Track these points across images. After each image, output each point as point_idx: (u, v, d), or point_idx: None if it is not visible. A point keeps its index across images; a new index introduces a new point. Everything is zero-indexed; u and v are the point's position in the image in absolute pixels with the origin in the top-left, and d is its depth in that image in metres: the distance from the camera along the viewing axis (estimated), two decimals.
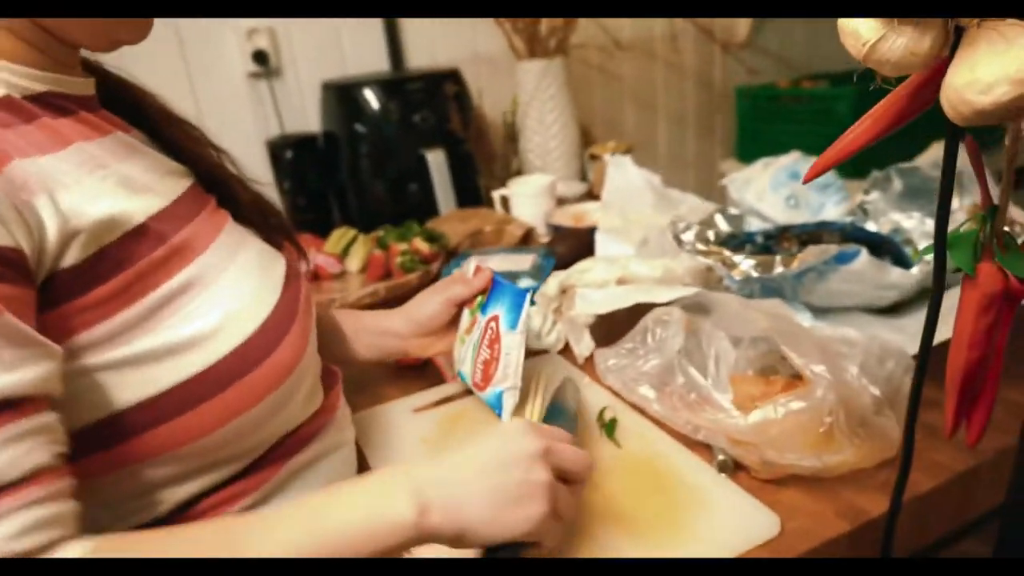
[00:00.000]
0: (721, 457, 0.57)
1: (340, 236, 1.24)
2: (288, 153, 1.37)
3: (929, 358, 0.39)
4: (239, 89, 1.49)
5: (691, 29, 1.98)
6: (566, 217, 1.26)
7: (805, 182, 0.42)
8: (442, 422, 0.69)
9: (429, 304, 0.71)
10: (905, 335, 0.68)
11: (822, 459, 0.52)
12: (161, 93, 0.61)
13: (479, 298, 0.70)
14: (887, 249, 0.79)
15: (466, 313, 0.72)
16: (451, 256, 1.16)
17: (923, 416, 0.42)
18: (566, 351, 0.81)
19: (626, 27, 1.91)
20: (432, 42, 1.66)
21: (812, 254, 0.69)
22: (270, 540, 0.38)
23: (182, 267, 0.46)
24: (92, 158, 0.45)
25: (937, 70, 0.30)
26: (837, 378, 0.53)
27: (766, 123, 2.03)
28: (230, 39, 1.45)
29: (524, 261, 0.92)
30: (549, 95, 1.43)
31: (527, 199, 1.26)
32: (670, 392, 0.62)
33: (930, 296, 0.37)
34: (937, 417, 0.42)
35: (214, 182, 0.59)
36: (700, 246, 0.78)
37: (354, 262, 1.18)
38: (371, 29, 1.58)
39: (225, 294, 0.46)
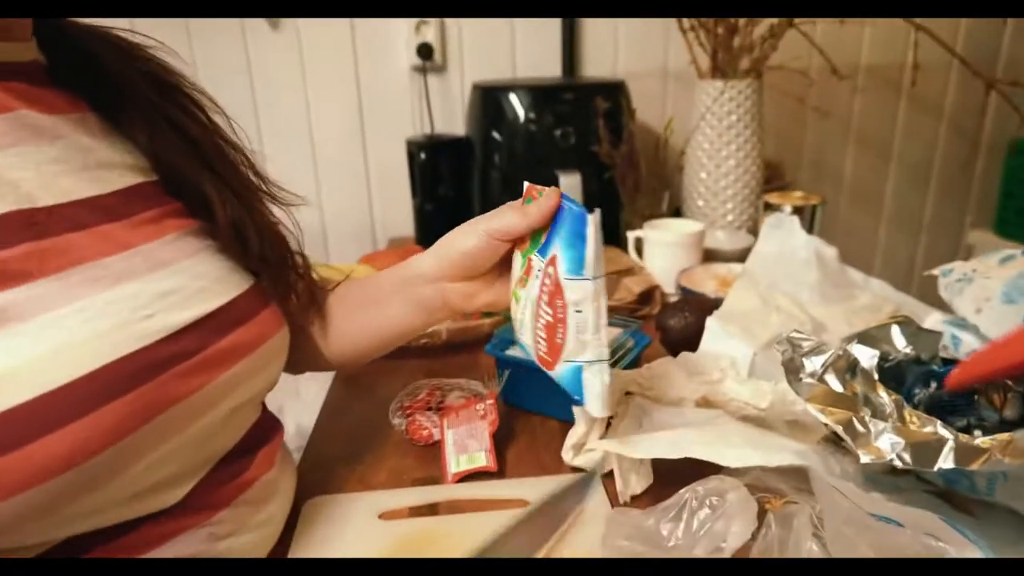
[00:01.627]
0: None
1: None
2: (422, 155, 1.28)
3: None
4: (400, 82, 1.44)
5: (953, 59, 1.55)
6: (707, 278, 1.00)
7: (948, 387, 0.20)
8: (403, 542, 0.52)
9: (465, 237, 0.52)
10: None
11: None
12: (325, 72, 0.52)
13: (537, 234, 0.50)
14: None
15: (518, 256, 0.52)
16: None
17: None
18: (611, 477, 0.58)
19: (863, 49, 1.54)
20: (613, 50, 1.47)
21: None
22: None
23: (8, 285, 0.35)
24: None
25: None
26: None
27: None
28: (400, 29, 1.40)
29: None
30: (727, 124, 1.17)
31: (664, 247, 1.03)
32: None
33: None
34: None
35: (184, 189, 0.49)
36: (832, 379, 0.50)
37: None
38: (547, 30, 1.43)
39: (19, 341, 0.34)
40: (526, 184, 0.52)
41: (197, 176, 0.50)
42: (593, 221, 0.44)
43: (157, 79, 0.51)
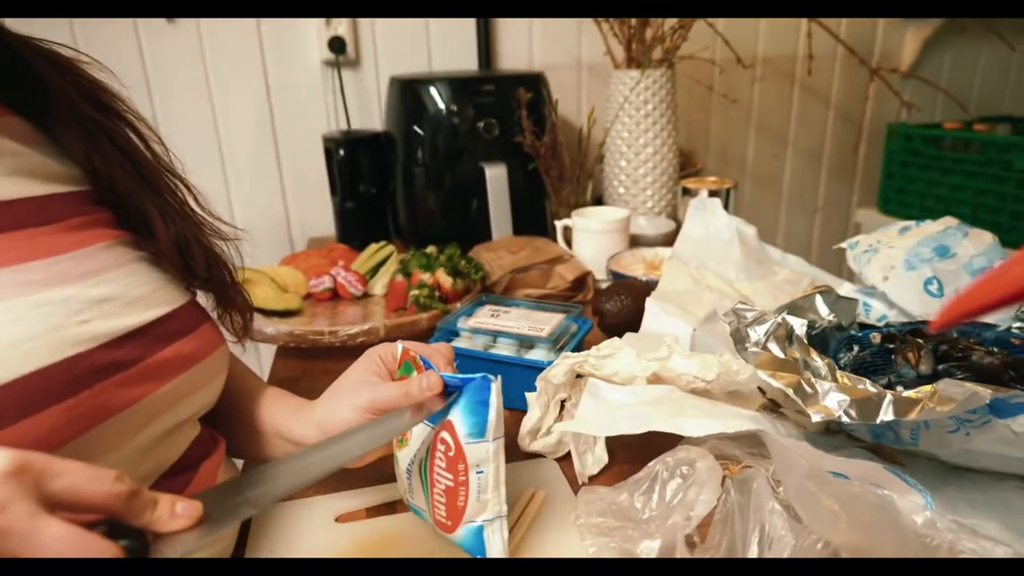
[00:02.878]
0: None
1: (372, 253, 1.09)
2: (341, 151, 1.24)
3: None
4: (311, 77, 1.39)
5: (840, 49, 1.67)
6: (635, 262, 1.03)
7: (932, 330, 0.21)
8: (362, 544, 0.51)
9: (344, 411, 0.49)
10: None
11: None
12: (231, 69, 0.49)
13: None
14: None
15: None
16: (485, 291, 0.97)
17: None
18: (568, 460, 0.59)
19: (760, 40, 1.63)
20: (528, 44, 1.48)
21: (951, 394, 0.44)
22: None
23: None
24: None
25: None
26: None
27: (920, 171, 1.68)
28: (310, 22, 1.35)
29: (546, 322, 0.70)
30: (644, 113, 1.20)
31: (592, 235, 1.05)
32: None
33: None
34: None
35: (123, 206, 0.47)
36: (775, 347, 0.53)
37: (379, 285, 1.02)
38: (463, 23, 1.42)
39: None
40: (400, 346, 0.52)
41: (138, 193, 0.49)
42: (496, 388, 0.44)
43: (94, 97, 0.49)
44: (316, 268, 1.06)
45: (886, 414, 0.43)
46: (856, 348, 0.64)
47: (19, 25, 0.47)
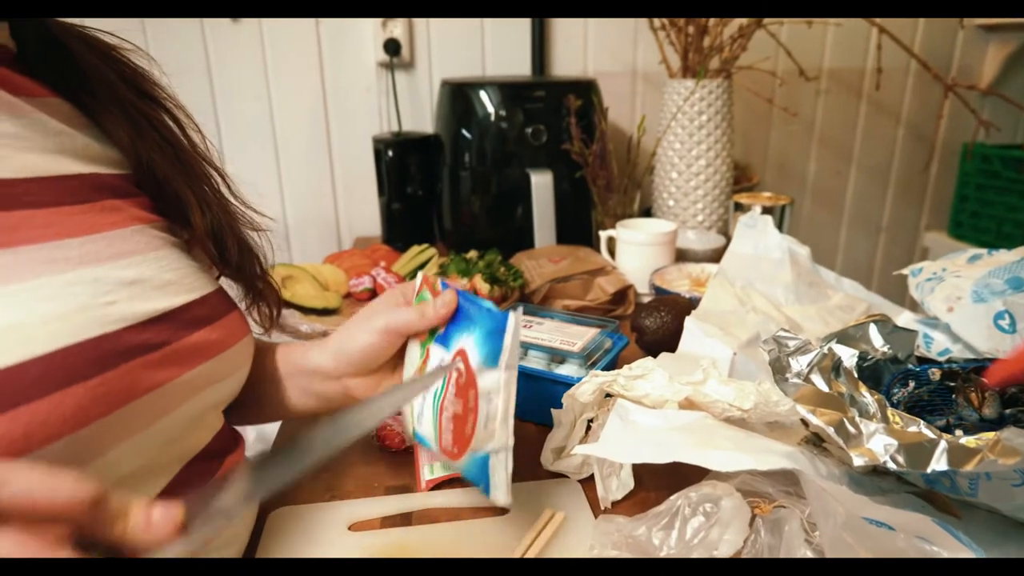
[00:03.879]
0: None
1: (414, 255, 1.09)
2: (390, 153, 1.24)
3: None
4: (366, 78, 1.40)
5: (913, 63, 1.58)
6: (680, 277, 0.99)
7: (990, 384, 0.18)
8: (375, 554, 0.49)
9: (360, 334, 0.50)
10: None
11: None
12: (289, 68, 0.51)
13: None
14: None
15: (415, 346, 0.51)
16: (523, 299, 0.96)
17: None
18: (592, 482, 0.57)
19: (826, 52, 1.57)
20: (583, 50, 1.46)
21: (1016, 445, 0.39)
22: None
23: None
24: None
25: None
26: None
27: (998, 194, 1.58)
28: (367, 24, 1.36)
29: (579, 336, 0.68)
30: (698, 124, 1.17)
31: (637, 247, 1.02)
32: None
33: None
34: None
35: (162, 191, 0.47)
36: (818, 379, 0.49)
37: None
38: (517, 27, 1.41)
39: None
40: (420, 275, 0.53)
41: (177, 179, 0.49)
42: (514, 319, 0.44)
43: (135, 82, 0.50)
44: (358, 268, 1.06)
45: (939, 463, 0.39)
46: (912, 384, 0.59)
47: (94, 24, 0.48)
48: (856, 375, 0.54)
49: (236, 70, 1.35)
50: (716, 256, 1.09)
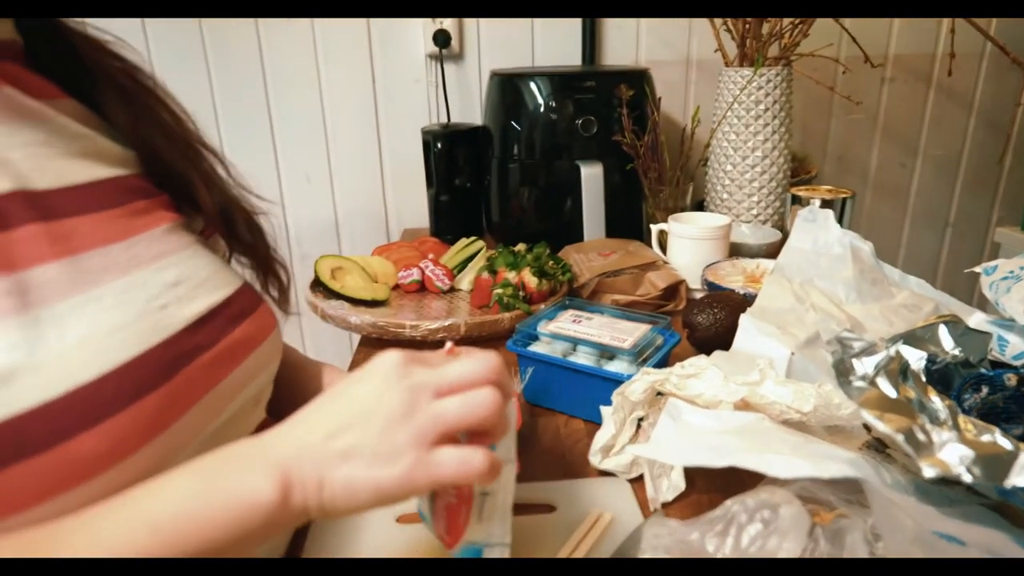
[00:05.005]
0: None
1: (462, 248, 1.09)
2: (438, 144, 1.25)
3: None
4: (415, 70, 1.41)
5: (989, 47, 1.50)
6: (734, 273, 0.96)
7: None
8: (423, 548, 0.49)
9: None
10: None
11: None
12: (340, 59, 0.51)
13: None
14: None
15: None
16: (572, 294, 0.95)
17: None
18: (641, 481, 0.56)
19: (892, 38, 1.49)
20: (635, 40, 1.43)
21: None
22: (91, 537, 0.29)
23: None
24: None
25: None
26: None
27: None
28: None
29: (629, 332, 0.67)
30: (755, 114, 1.13)
31: (689, 241, 0.99)
32: None
33: None
34: None
35: (168, 176, 0.47)
36: (885, 383, 0.47)
37: (465, 281, 1.02)
38: (568, 19, 1.39)
39: (41, 330, 0.32)
40: (448, 345, 0.48)
41: (181, 164, 0.49)
42: (515, 404, 0.42)
43: (131, 74, 0.50)
44: (406, 260, 1.07)
45: (1019, 477, 0.36)
46: (986, 390, 0.56)
47: (151, 24, 0.49)
48: (924, 379, 0.51)
49: (289, 62, 1.37)
50: (771, 251, 1.06)
